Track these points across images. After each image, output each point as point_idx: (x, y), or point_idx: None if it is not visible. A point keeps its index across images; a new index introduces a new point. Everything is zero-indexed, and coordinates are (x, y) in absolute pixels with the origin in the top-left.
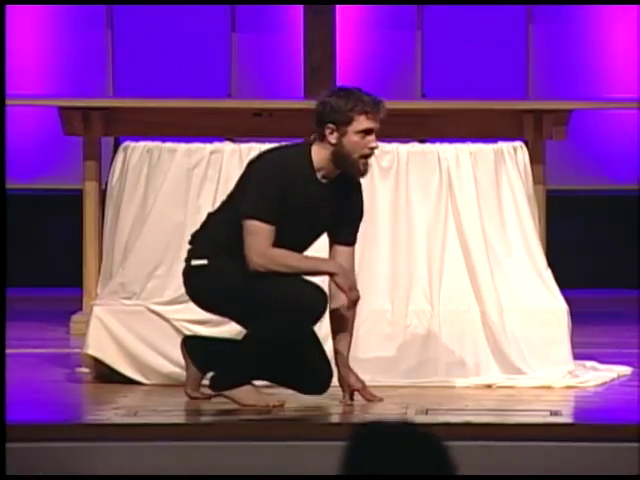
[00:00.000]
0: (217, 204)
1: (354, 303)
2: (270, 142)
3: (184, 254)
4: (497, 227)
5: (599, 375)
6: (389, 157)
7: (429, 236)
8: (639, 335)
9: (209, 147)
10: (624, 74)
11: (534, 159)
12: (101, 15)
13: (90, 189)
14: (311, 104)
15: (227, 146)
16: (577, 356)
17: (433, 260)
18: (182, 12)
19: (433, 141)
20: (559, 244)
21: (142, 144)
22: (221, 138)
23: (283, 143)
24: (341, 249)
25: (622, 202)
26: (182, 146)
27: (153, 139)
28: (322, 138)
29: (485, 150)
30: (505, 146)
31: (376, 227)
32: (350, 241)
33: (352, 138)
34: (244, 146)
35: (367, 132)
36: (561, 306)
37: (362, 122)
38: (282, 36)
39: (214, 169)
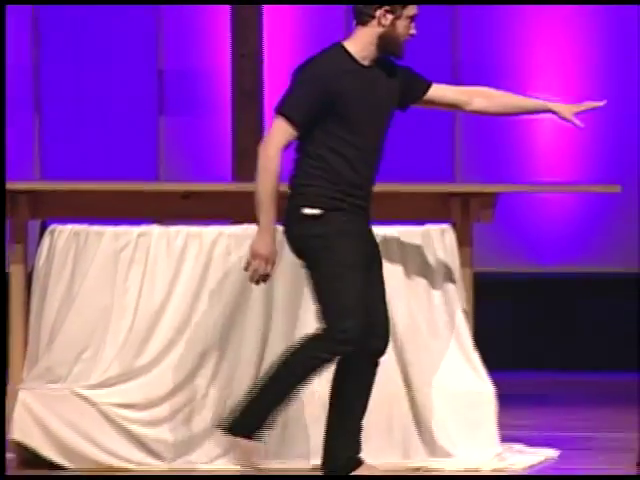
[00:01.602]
0: (145, 287)
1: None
2: (198, 224)
3: (111, 337)
4: (424, 309)
5: (526, 458)
6: None
7: None
8: (565, 417)
9: (137, 230)
10: (550, 159)
11: (461, 242)
12: (29, 99)
13: (16, 272)
14: (240, 187)
15: (155, 229)
16: (504, 438)
17: None
18: (109, 95)
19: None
20: (487, 326)
21: (69, 227)
22: (149, 221)
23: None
24: (433, 90)
25: (548, 284)
26: (109, 229)
27: (80, 222)
28: (367, 22)
29: (413, 233)
30: (433, 229)
31: (302, 309)
32: (428, 82)
33: (403, 22)
34: (172, 229)
35: (413, 19)
36: (488, 388)
37: (412, 9)
38: (210, 119)
39: (142, 252)
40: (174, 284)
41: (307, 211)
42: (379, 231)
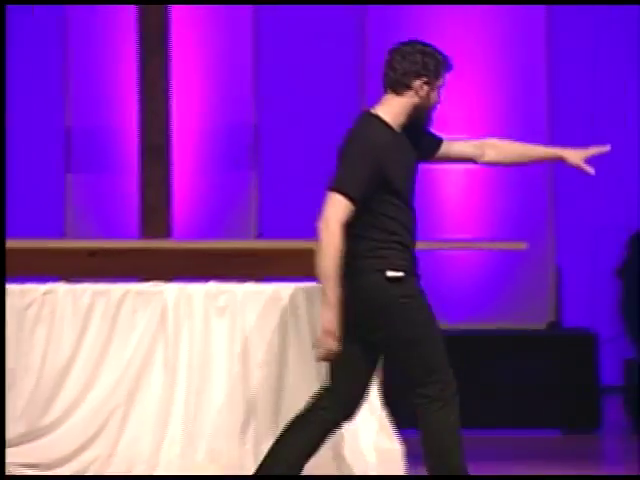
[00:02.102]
0: (51, 345)
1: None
2: (105, 282)
3: (14, 394)
4: None
5: None
6: (225, 297)
7: (266, 373)
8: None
9: (42, 288)
10: (457, 216)
11: None
12: None
13: None
14: (148, 244)
15: (61, 287)
16: None
17: (269, 400)
18: (16, 152)
19: (270, 280)
20: (396, 383)
21: None
22: (55, 278)
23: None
24: (448, 145)
25: (456, 341)
26: (15, 287)
27: None
28: (403, 92)
29: (320, 289)
30: None
31: (212, 367)
32: (439, 139)
33: (435, 93)
34: (79, 286)
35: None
36: (395, 446)
37: (442, 79)
38: (118, 176)
39: (47, 310)
40: (80, 342)
41: (391, 274)
42: (287, 288)
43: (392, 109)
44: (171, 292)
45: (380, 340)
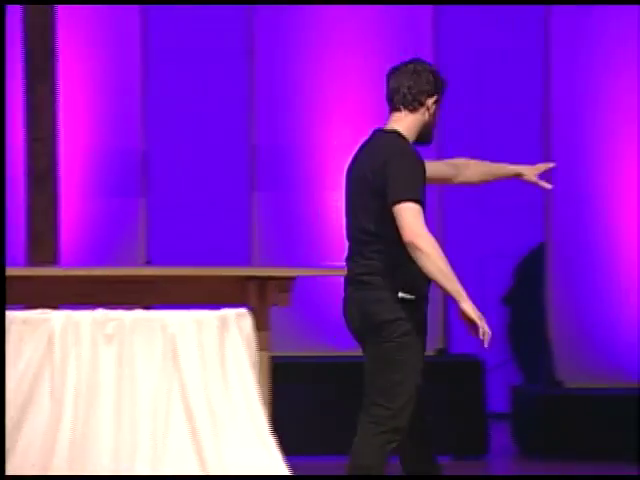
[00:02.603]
0: None
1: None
2: None
3: None
4: (222, 394)
5: None
6: (113, 324)
7: (153, 404)
8: None
9: None
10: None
11: (259, 326)
12: None
13: None
14: (35, 271)
15: None
16: None
17: (157, 427)
18: None
19: (158, 308)
20: (284, 410)
21: None
22: None
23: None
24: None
25: (345, 367)
26: None
27: None
28: (416, 109)
29: (209, 317)
30: (229, 313)
31: (99, 395)
32: None
33: (435, 110)
34: None
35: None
36: (283, 472)
37: (442, 96)
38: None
39: None
40: None
41: (402, 295)
42: (176, 316)
43: (408, 126)
44: (58, 320)
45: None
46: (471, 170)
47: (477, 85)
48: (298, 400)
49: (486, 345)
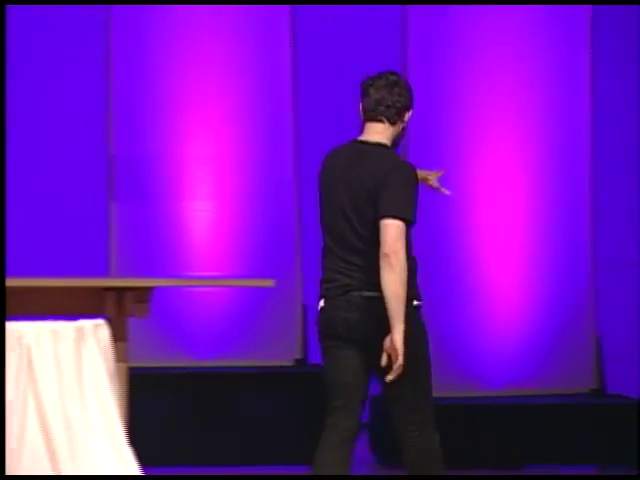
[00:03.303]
0: None
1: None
2: None
3: None
4: (78, 407)
5: None
6: None
7: (8, 416)
8: None
9: None
10: (205, 253)
11: (116, 337)
12: None
13: None
14: None
15: None
16: None
17: (11, 439)
18: None
19: (14, 319)
20: (143, 421)
21: None
22: None
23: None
24: None
25: (205, 378)
26: None
27: None
28: (396, 122)
29: (66, 328)
30: (86, 324)
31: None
32: None
33: (405, 125)
34: None
35: None
36: None
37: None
38: None
39: None
40: None
41: (417, 303)
42: (31, 327)
43: (389, 137)
44: None
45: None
46: None
47: (336, 86)
48: (156, 411)
49: (391, 378)
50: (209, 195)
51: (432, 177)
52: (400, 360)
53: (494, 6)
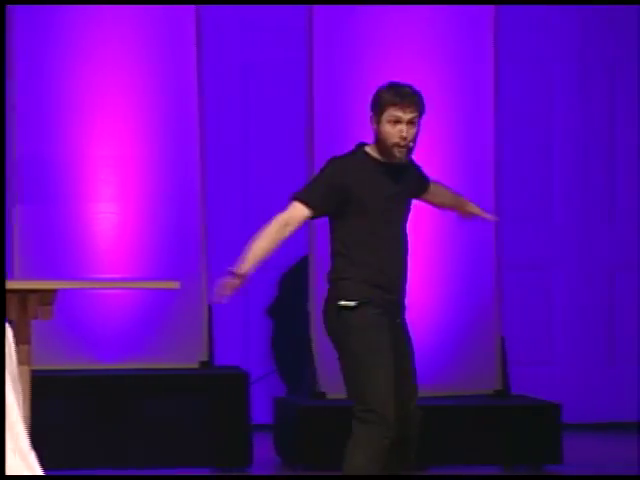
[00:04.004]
0: None
1: None
2: None
3: None
4: None
5: None
6: None
7: None
8: None
9: None
10: (110, 255)
11: (19, 339)
12: None
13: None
14: None
15: None
16: None
17: None
18: None
19: None
20: (46, 424)
21: None
22: None
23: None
24: (432, 188)
25: (109, 381)
26: None
27: None
28: (372, 125)
29: None
30: None
31: None
32: (428, 181)
33: (384, 127)
34: None
35: (396, 121)
36: None
37: (391, 112)
38: None
39: None
40: None
41: (342, 303)
42: None
43: (374, 142)
44: None
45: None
46: (444, 197)
47: (242, 85)
48: (60, 414)
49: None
50: (113, 197)
51: (477, 209)
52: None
53: (400, 6)
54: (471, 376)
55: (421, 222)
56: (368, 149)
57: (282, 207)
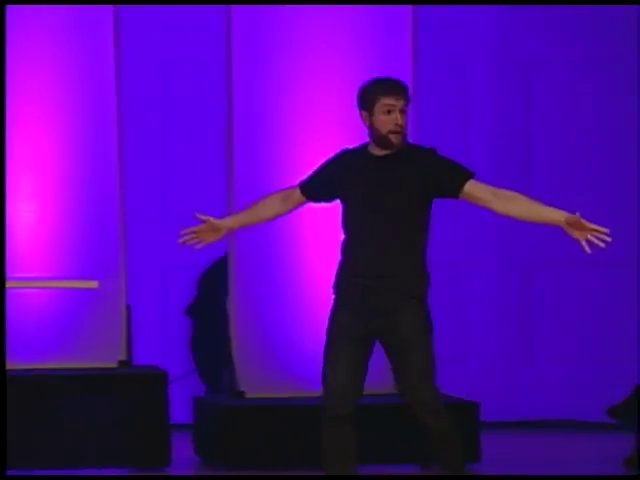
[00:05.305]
0: None
1: None
2: None
3: None
4: None
5: None
6: None
7: None
8: None
9: None
10: (28, 253)
11: None
12: None
13: None
14: None
15: None
16: None
17: None
18: None
19: None
20: None
21: None
22: None
23: None
24: (468, 189)
25: (25, 381)
26: None
27: None
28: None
29: None
30: None
31: None
32: (459, 184)
33: (379, 118)
34: None
35: (389, 110)
36: None
37: (384, 101)
38: None
39: None
40: None
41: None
42: None
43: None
44: None
45: None
46: (516, 206)
47: (160, 85)
48: None
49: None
50: (31, 195)
51: (581, 231)
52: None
53: (319, 6)
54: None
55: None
56: (369, 145)
57: (201, 206)
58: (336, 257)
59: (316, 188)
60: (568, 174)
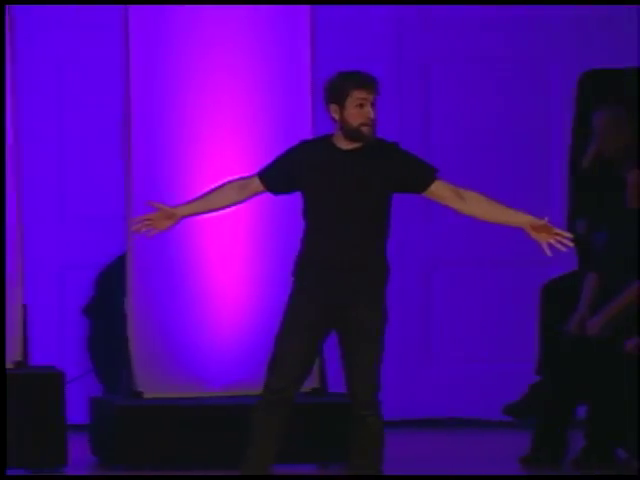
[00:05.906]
0: None
1: None
2: None
3: None
4: None
5: None
6: None
7: None
8: None
9: None
10: None
11: None
12: None
13: None
14: None
15: None
16: None
17: None
18: None
19: None
20: None
21: None
22: None
23: None
24: (433, 188)
25: None
26: None
27: None
28: (332, 118)
29: None
30: None
31: None
32: (425, 183)
33: (350, 111)
34: None
35: (361, 104)
36: None
37: (356, 95)
38: None
39: None
40: None
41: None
42: None
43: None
44: None
45: None
46: (481, 208)
47: (57, 84)
48: None
49: None
50: None
51: (545, 235)
52: None
53: (218, 6)
54: None
55: (239, 223)
56: (334, 137)
57: (99, 206)
58: (237, 254)
59: (276, 178)
60: (466, 174)
